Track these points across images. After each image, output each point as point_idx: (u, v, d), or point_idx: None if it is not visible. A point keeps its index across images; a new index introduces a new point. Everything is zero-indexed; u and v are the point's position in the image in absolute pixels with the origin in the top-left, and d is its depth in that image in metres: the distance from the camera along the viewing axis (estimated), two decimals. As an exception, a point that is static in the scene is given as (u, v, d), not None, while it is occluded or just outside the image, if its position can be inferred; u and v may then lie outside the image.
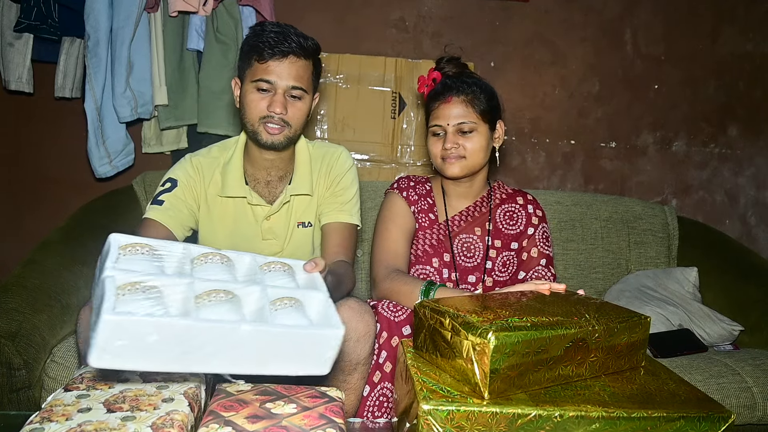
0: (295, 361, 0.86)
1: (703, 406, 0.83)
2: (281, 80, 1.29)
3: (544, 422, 0.77)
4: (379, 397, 1.29)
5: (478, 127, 1.42)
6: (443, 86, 1.46)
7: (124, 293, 0.78)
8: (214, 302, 0.83)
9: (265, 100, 1.30)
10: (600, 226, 2.08)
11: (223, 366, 0.81)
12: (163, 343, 0.75)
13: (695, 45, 2.42)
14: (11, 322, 1.30)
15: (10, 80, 2.01)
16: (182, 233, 1.37)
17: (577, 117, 2.41)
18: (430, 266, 1.48)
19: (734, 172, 2.52)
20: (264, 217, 1.41)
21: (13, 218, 2.26)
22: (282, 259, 1.02)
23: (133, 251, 0.88)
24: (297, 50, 1.29)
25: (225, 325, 0.79)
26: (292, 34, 1.29)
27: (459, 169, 1.44)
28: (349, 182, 1.46)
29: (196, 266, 0.92)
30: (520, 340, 0.80)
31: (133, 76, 1.94)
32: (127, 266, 0.84)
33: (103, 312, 0.72)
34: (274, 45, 1.27)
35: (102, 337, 0.72)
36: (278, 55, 1.28)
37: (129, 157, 2.08)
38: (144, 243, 0.91)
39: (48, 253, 1.58)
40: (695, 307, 1.81)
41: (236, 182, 1.39)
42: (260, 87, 1.30)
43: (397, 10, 2.29)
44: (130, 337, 0.73)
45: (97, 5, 1.85)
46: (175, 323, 0.76)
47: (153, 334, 0.74)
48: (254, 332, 0.80)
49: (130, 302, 0.77)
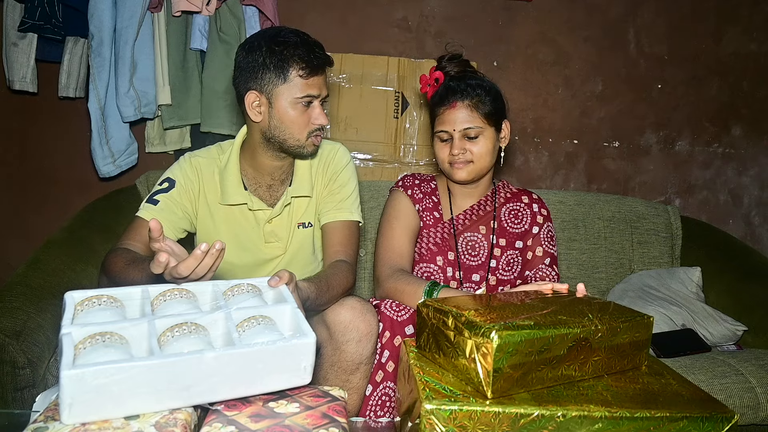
0: (274, 377, 0.85)
1: (706, 406, 0.83)
2: (321, 91, 1.32)
3: (546, 422, 0.77)
4: (382, 396, 1.29)
5: (484, 130, 1.42)
6: (447, 89, 1.44)
7: (84, 346, 0.77)
8: (179, 336, 0.82)
9: (306, 114, 1.31)
10: (603, 226, 2.08)
11: (203, 396, 0.80)
12: (132, 387, 0.74)
13: (699, 45, 2.42)
14: (15, 321, 1.31)
15: (15, 80, 2.01)
16: (174, 235, 1.35)
17: (580, 116, 2.41)
18: (434, 264, 1.48)
19: (738, 172, 2.51)
20: (266, 221, 1.41)
21: (17, 217, 2.27)
22: (245, 280, 1.00)
23: (90, 305, 0.86)
24: (327, 60, 1.32)
25: (189, 356, 0.78)
26: (312, 43, 1.29)
27: (466, 173, 1.44)
28: (347, 178, 1.45)
29: (157, 305, 0.91)
30: (523, 340, 0.79)
31: (137, 75, 1.94)
32: (85, 320, 0.82)
33: (62, 368, 0.71)
34: (312, 60, 1.27)
35: (68, 394, 0.71)
36: (320, 68, 1.30)
37: (132, 156, 2.08)
38: (100, 294, 0.89)
39: (52, 252, 1.58)
40: (698, 307, 1.80)
41: (234, 189, 1.38)
42: (305, 102, 1.30)
43: (400, 9, 2.29)
44: (96, 388, 0.72)
45: (101, 5, 1.86)
46: (137, 365, 0.74)
47: (118, 380, 0.73)
48: (221, 357, 0.79)
49: (91, 353, 0.76)
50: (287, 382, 0.87)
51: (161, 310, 0.90)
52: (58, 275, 1.51)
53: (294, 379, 0.87)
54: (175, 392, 0.77)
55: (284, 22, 2.07)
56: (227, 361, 0.80)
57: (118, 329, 0.82)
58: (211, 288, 0.96)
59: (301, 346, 0.86)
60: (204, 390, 0.80)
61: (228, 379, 0.81)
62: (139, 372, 0.74)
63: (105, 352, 0.76)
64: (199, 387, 0.79)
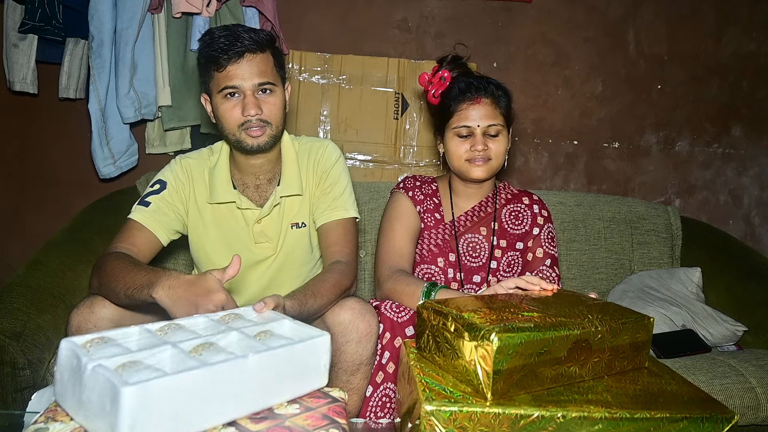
0: (299, 380, 0.87)
1: (706, 407, 0.83)
2: (245, 81, 1.26)
3: (546, 423, 0.77)
4: (382, 397, 1.29)
5: (503, 130, 1.42)
6: (468, 85, 1.43)
7: (121, 371, 0.73)
8: (207, 354, 0.80)
9: (238, 107, 1.27)
10: (603, 227, 2.08)
11: (245, 407, 0.80)
12: (183, 401, 0.72)
13: (698, 45, 2.42)
14: (16, 322, 1.31)
15: (15, 81, 2.01)
16: (167, 237, 1.35)
17: (580, 117, 2.41)
18: (435, 266, 1.48)
19: (738, 172, 2.51)
20: (255, 221, 1.39)
21: (17, 218, 2.27)
22: (232, 311, 0.99)
23: (94, 344, 0.81)
24: (251, 46, 1.25)
25: (235, 361, 0.78)
26: (241, 32, 1.25)
27: (483, 171, 1.42)
28: (338, 175, 1.43)
29: (163, 336, 0.88)
30: (523, 341, 0.80)
31: (137, 77, 1.94)
32: (102, 354, 0.78)
33: (120, 386, 0.67)
34: (227, 49, 1.24)
35: (127, 413, 0.67)
36: (234, 57, 1.24)
37: (133, 157, 2.08)
38: (100, 336, 0.83)
39: (52, 253, 1.58)
40: (699, 308, 1.80)
41: (223, 187, 1.37)
42: (229, 95, 1.27)
43: (399, 10, 2.29)
44: (153, 404, 0.69)
45: (102, 6, 1.86)
46: (191, 375, 0.73)
47: (173, 394, 0.71)
48: (261, 360, 0.81)
49: (134, 374, 0.72)
50: (310, 384, 0.89)
51: (171, 338, 0.87)
52: (58, 276, 1.51)
53: (314, 381, 0.89)
54: (221, 404, 0.77)
55: (284, 24, 2.07)
56: (266, 364, 0.81)
57: (143, 358, 0.78)
58: (203, 320, 0.95)
59: (320, 343, 0.89)
60: (245, 399, 0.80)
61: (264, 385, 0.82)
62: (194, 382, 0.73)
63: (146, 372, 0.73)
64: (242, 396, 0.79)
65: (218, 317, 0.96)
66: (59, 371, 0.79)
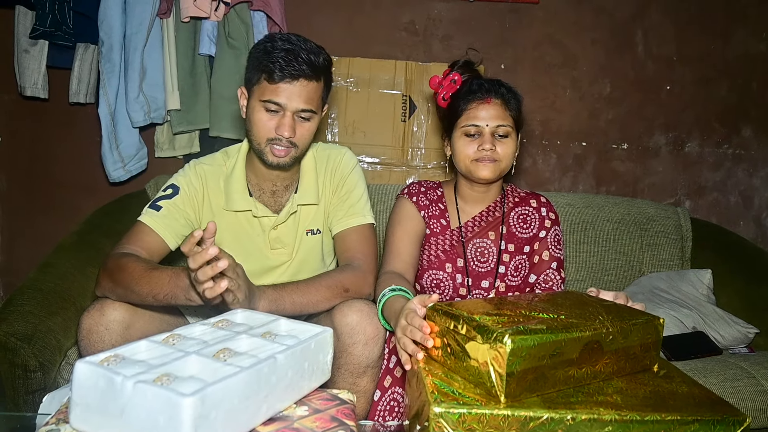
0: (310, 376, 0.89)
1: (717, 410, 0.82)
2: (291, 102, 1.25)
3: (556, 425, 0.77)
4: (390, 402, 1.29)
5: (511, 132, 1.41)
6: (479, 86, 1.42)
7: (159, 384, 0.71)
8: (231, 359, 0.80)
9: (273, 121, 1.27)
10: (612, 228, 2.07)
11: (270, 410, 0.81)
12: (232, 406, 0.73)
13: (707, 45, 2.40)
14: (27, 324, 1.32)
15: (26, 86, 2.04)
16: (175, 242, 1.33)
17: (588, 119, 2.40)
18: (443, 272, 1.47)
19: (748, 173, 2.49)
20: (271, 227, 1.40)
21: (28, 222, 2.29)
22: (220, 316, 1.00)
23: (111, 362, 0.78)
24: (308, 72, 1.25)
25: (267, 362, 0.79)
26: (302, 52, 1.24)
27: (490, 172, 1.40)
28: (354, 183, 1.44)
29: (177, 345, 0.86)
30: (536, 344, 0.79)
31: (146, 81, 1.96)
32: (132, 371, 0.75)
33: (179, 398, 0.67)
34: (284, 67, 1.23)
35: (189, 424, 0.67)
36: (288, 77, 1.23)
37: (142, 161, 2.10)
38: (113, 354, 0.80)
39: (63, 256, 1.60)
40: (709, 310, 1.79)
41: (239, 195, 1.38)
42: (269, 108, 1.26)
43: (407, 13, 2.29)
44: (211, 412, 0.70)
45: (111, 12, 1.88)
46: (239, 379, 0.74)
47: (226, 400, 0.72)
48: (287, 359, 0.83)
49: (182, 385, 0.71)
50: (318, 379, 0.92)
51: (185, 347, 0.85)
52: (68, 279, 1.52)
53: (320, 376, 0.92)
54: (258, 405, 0.78)
55: (291, 27, 2.08)
56: (290, 362, 0.83)
57: (173, 370, 0.77)
58: (201, 327, 0.95)
59: (327, 338, 0.93)
60: (274, 401, 0.81)
61: (288, 383, 0.84)
62: (245, 385, 0.74)
63: (189, 384, 0.72)
64: (273, 396, 0.80)
65: (212, 323, 0.97)
66: (78, 395, 0.74)
